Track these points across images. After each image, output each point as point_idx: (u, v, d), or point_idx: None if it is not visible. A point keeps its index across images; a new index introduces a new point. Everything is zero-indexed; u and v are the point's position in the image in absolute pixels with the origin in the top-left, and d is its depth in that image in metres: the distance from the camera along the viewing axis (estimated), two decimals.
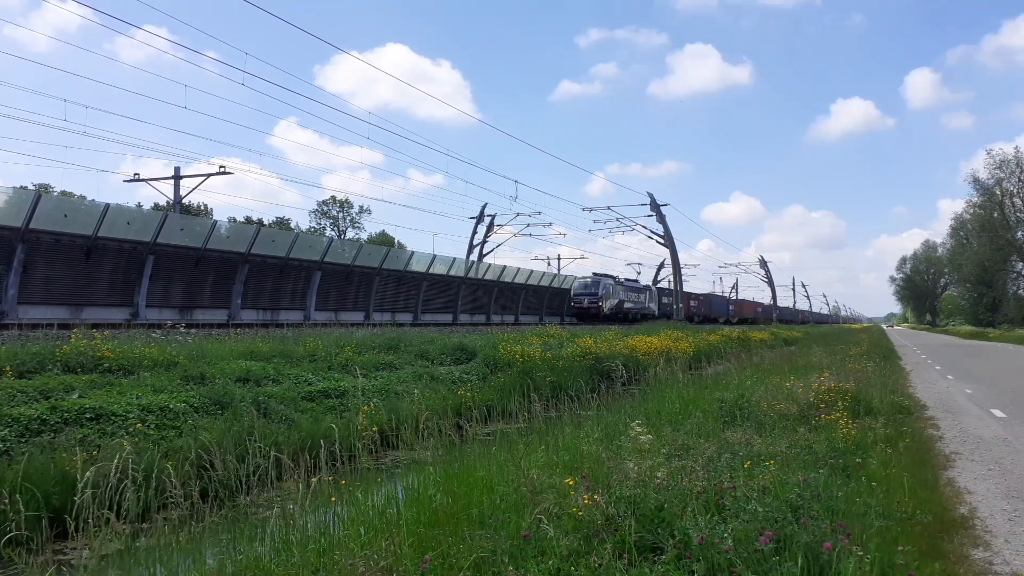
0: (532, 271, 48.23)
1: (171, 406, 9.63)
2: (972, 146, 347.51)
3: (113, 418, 8.85)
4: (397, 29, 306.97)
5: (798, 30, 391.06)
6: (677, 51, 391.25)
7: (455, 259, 39.50)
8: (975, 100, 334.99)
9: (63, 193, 52.32)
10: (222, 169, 31.89)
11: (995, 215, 69.86)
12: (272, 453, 7.27)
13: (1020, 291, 73.96)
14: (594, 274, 51.65)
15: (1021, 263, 71.60)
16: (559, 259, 68.09)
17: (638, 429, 7.17)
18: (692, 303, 67.19)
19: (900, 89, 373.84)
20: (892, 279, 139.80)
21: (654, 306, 58.38)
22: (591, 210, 52.93)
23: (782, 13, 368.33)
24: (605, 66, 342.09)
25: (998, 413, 11.90)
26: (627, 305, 52.84)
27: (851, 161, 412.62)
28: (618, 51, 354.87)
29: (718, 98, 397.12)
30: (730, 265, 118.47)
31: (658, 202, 51.07)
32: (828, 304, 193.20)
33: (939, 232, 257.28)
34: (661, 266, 73.74)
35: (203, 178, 32.62)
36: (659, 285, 72.72)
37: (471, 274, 40.16)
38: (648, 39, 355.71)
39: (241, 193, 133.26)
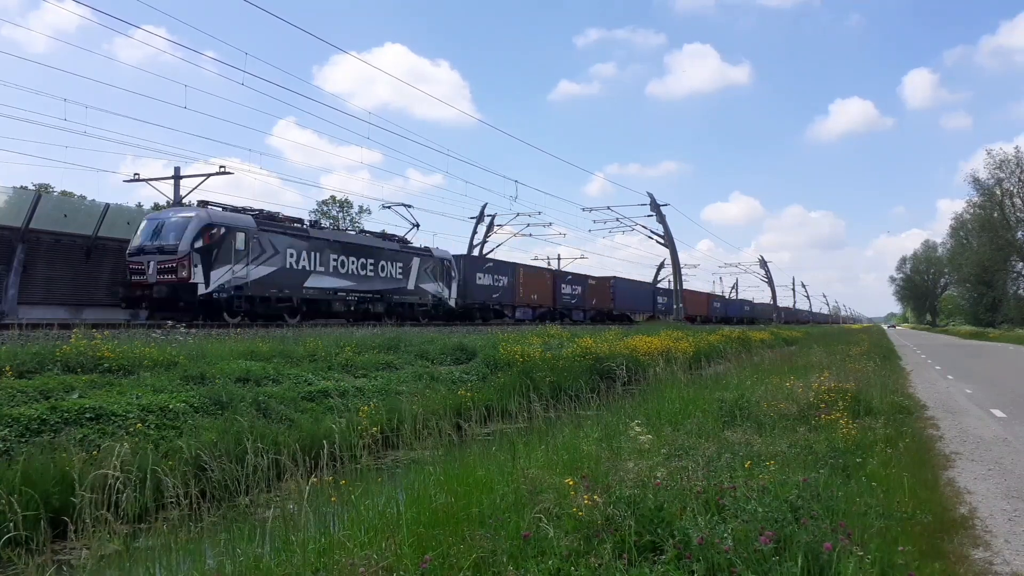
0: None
1: (171, 406, 9.63)
2: (971, 146, 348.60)
3: (113, 418, 8.84)
4: (395, 29, 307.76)
5: (796, 30, 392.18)
6: (676, 51, 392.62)
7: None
8: (973, 100, 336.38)
9: (63, 193, 52.23)
10: (222, 169, 31.81)
11: (995, 215, 69.88)
12: (272, 453, 7.28)
13: (1020, 291, 73.99)
14: (200, 203, 21.90)
15: (1021, 263, 71.62)
16: (559, 259, 68.01)
17: (638, 429, 7.19)
18: (568, 291, 45.09)
19: (898, 89, 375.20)
20: (892, 279, 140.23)
21: (441, 289, 31.48)
22: (591, 210, 52.74)
23: (780, 13, 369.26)
24: (604, 66, 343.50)
25: (998, 413, 11.89)
26: (317, 284, 24.38)
27: (850, 161, 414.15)
28: (616, 51, 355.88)
29: (717, 98, 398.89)
30: (730, 265, 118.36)
31: (658, 202, 51.05)
32: (828, 304, 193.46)
33: (938, 232, 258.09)
34: (661, 266, 73.69)
35: (203, 178, 32.54)
36: (659, 284, 71.20)
37: None
38: (646, 39, 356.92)
39: (240, 193, 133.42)
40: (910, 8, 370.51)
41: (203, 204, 21.76)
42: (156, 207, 47.16)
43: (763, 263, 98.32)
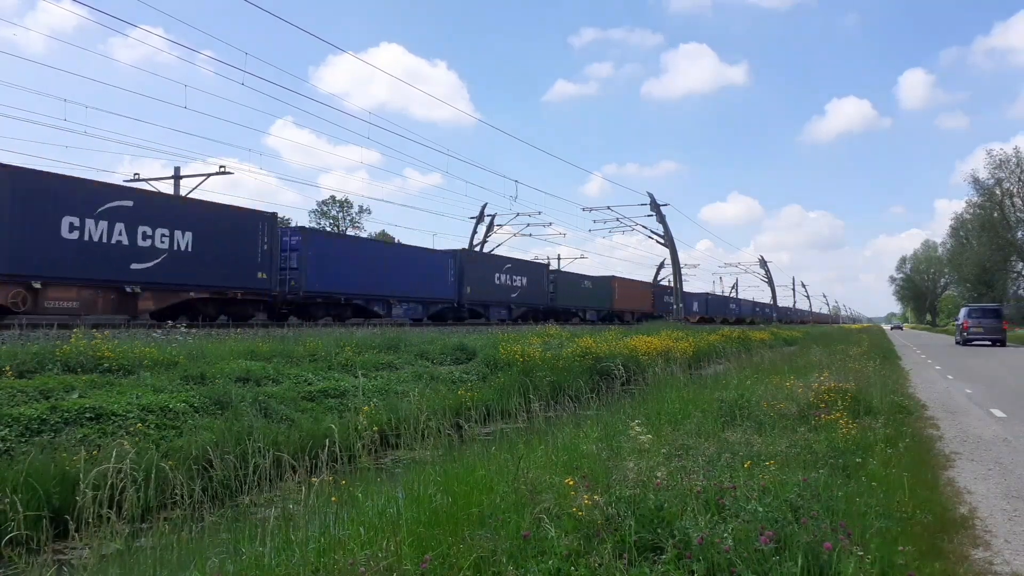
0: None
1: (171, 406, 9.63)
2: (967, 146, 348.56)
3: (113, 418, 8.85)
4: (392, 29, 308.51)
5: (793, 30, 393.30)
6: (672, 51, 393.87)
7: None
8: (969, 101, 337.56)
9: None
10: (222, 169, 31.85)
11: (995, 215, 69.86)
12: (272, 453, 7.28)
13: (1020, 291, 73.98)
14: None
15: (1021, 263, 71.59)
16: (559, 259, 68.01)
17: (637, 429, 7.18)
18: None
19: (894, 90, 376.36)
20: (892, 279, 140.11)
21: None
22: (591, 210, 52.80)
23: (776, 13, 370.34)
24: (600, 66, 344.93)
25: (998, 413, 11.88)
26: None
27: (848, 161, 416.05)
28: (612, 51, 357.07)
29: (714, 98, 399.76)
30: (730, 265, 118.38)
31: (657, 202, 51.04)
32: (828, 304, 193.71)
33: (937, 232, 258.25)
34: (661, 266, 73.71)
35: (203, 178, 32.59)
36: (661, 284, 70.49)
37: None
38: (643, 39, 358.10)
39: (239, 193, 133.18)
40: (905, 9, 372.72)
41: None
42: None
43: (763, 263, 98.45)
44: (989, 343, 37.74)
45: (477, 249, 49.08)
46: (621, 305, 51.69)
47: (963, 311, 42.99)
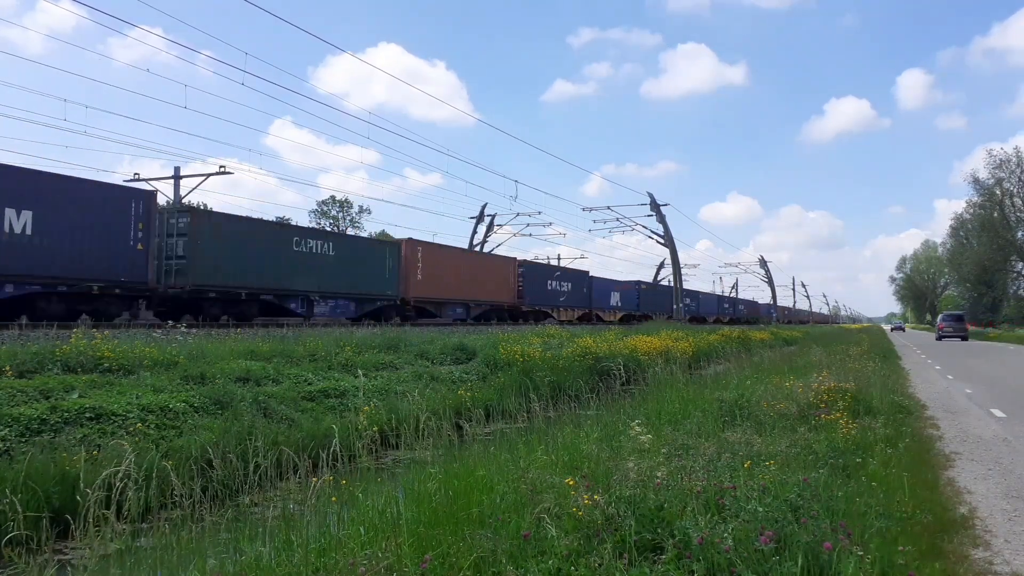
0: None
1: (171, 406, 9.64)
2: (966, 146, 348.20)
3: (113, 418, 8.85)
4: (390, 29, 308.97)
5: (791, 30, 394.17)
6: (671, 51, 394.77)
7: None
8: (967, 101, 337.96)
9: None
10: (222, 169, 31.80)
11: (995, 215, 69.82)
12: (272, 453, 7.29)
13: (1020, 291, 74.03)
14: None
15: (1021, 263, 71.57)
16: (559, 259, 67.86)
17: (638, 429, 7.19)
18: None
19: (893, 90, 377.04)
20: (892, 279, 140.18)
21: None
22: (591, 210, 52.76)
23: (775, 13, 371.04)
24: (599, 66, 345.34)
25: (998, 413, 11.88)
26: None
27: (847, 161, 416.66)
28: (611, 51, 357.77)
29: (713, 98, 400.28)
30: (730, 265, 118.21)
31: (657, 202, 51.02)
32: (828, 304, 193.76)
33: (936, 232, 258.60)
34: (661, 266, 73.71)
35: (203, 178, 32.50)
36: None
37: None
38: (641, 39, 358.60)
39: (239, 193, 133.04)
40: (903, 9, 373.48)
41: None
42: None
43: (763, 263, 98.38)
44: (957, 338, 52.76)
45: (477, 248, 48.70)
46: (426, 291, 29.48)
47: (940, 316, 64.21)
